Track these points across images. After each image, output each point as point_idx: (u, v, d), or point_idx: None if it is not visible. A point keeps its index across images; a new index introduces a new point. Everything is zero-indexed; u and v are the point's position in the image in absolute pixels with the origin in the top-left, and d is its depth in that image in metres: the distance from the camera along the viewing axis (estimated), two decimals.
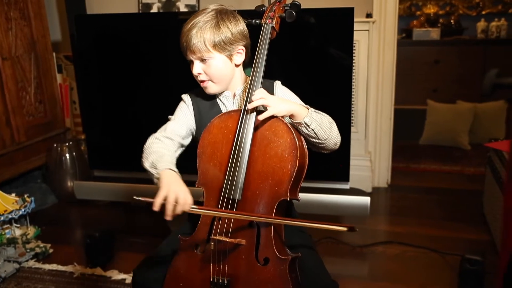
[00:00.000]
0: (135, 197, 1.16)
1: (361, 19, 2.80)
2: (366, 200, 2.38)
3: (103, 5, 3.28)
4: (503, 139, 3.74)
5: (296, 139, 1.22)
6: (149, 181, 2.53)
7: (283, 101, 1.28)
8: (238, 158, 1.22)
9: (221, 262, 1.22)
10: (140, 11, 3.18)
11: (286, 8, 1.38)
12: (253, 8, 1.47)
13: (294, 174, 1.20)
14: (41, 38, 3.10)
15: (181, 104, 1.47)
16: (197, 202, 1.42)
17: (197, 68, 1.34)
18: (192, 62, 1.36)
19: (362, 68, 2.91)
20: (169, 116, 1.46)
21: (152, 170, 1.27)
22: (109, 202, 3.09)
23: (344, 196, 2.38)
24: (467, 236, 2.50)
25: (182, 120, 1.42)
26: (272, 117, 1.25)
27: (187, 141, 1.44)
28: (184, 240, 1.29)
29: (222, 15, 1.33)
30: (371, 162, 3.13)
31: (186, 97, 1.47)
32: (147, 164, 1.30)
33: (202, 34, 1.29)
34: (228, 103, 1.43)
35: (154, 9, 3.18)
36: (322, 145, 1.33)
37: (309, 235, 1.46)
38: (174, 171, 1.25)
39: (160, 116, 2.46)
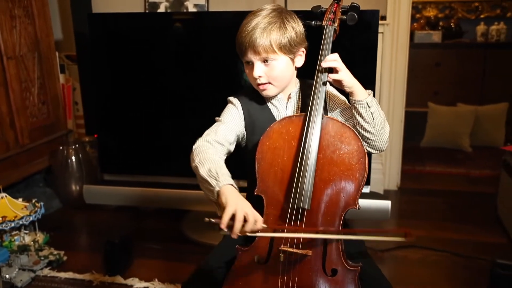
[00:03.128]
0: (206, 219, 1.08)
1: None
2: (387, 204, 2.37)
3: (108, 4, 3.18)
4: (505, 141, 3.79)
5: (364, 147, 1.19)
6: (158, 185, 2.52)
7: (351, 74, 1.24)
8: (306, 165, 1.17)
9: (290, 274, 1.17)
10: (147, 10, 3.10)
11: (343, 10, 1.35)
12: None
13: (362, 183, 1.17)
14: (45, 37, 2.99)
15: (231, 106, 1.39)
16: None
17: (259, 71, 1.26)
18: (249, 63, 1.29)
19: None
20: (217, 118, 1.37)
21: (211, 180, 1.14)
22: (116, 207, 3.00)
23: (365, 199, 2.36)
24: (484, 239, 2.51)
25: (233, 125, 1.34)
26: (337, 121, 1.22)
27: (233, 147, 1.35)
28: (242, 250, 1.23)
29: (285, 14, 1.27)
30: (383, 165, 3.11)
31: (235, 100, 1.39)
32: (203, 171, 1.16)
33: (268, 35, 1.22)
34: (280, 106, 1.37)
35: (162, 9, 3.10)
36: (373, 138, 1.27)
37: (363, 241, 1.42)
38: (235, 188, 1.14)
39: (170, 117, 2.44)
